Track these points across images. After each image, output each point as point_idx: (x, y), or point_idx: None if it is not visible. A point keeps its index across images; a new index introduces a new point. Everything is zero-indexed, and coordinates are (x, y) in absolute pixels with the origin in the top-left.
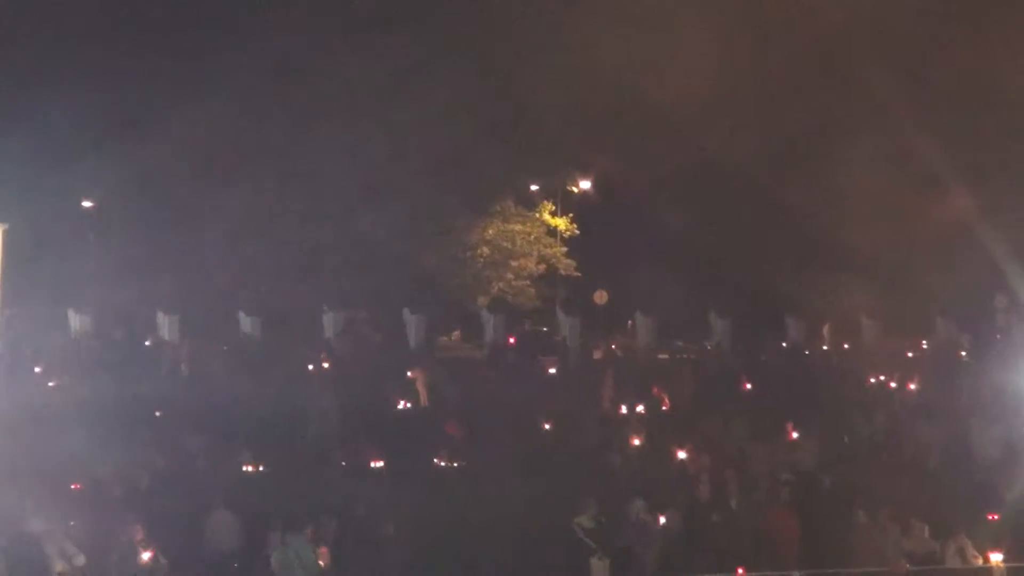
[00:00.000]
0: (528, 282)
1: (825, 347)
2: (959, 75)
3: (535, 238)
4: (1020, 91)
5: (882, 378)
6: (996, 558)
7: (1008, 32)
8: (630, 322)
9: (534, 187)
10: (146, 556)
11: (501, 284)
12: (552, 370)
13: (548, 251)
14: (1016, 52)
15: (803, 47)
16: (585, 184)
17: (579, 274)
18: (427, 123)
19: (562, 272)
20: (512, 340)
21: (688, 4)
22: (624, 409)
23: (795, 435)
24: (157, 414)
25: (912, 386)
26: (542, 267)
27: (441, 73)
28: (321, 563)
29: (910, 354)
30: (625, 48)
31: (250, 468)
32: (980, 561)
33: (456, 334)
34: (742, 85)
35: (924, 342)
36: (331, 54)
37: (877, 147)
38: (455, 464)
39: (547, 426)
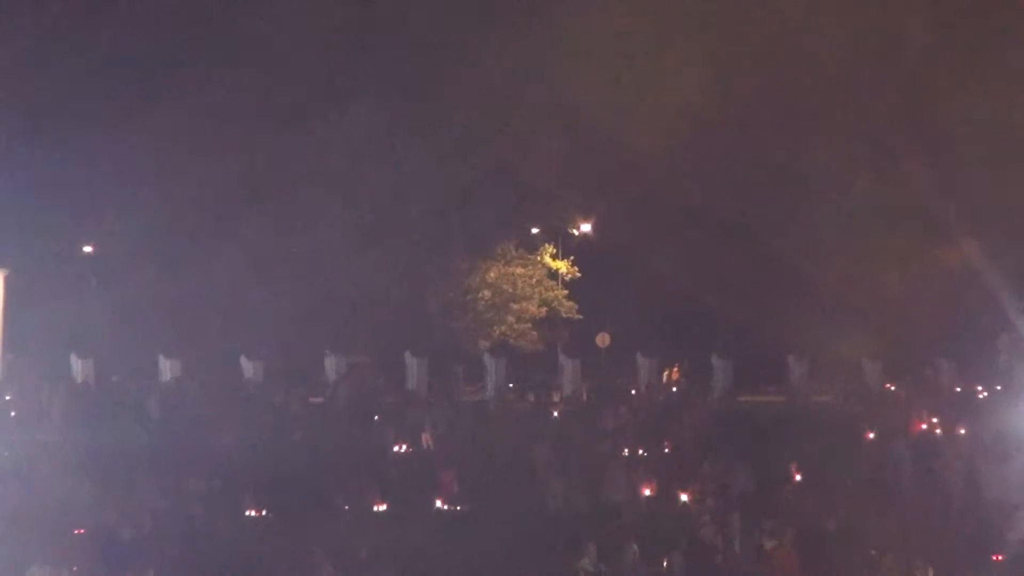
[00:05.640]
0: (530, 325)
1: (828, 389)
2: (960, 116)
3: (536, 281)
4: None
5: (887, 420)
6: None
7: (1010, 73)
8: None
9: (535, 230)
10: None
11: (503, 327)
12: (555, 413)
13: (549, 294)
14: (1018, 93)
15: (799, 91)
16: (586, 227)
17: (581, 316)
18: (428, 167)
19: (564, 315)
20: None
21: (679, 54)
22: (627, 452)
23: (799, 477)
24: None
25: (916, 428)
26: (543, 310)
27: (441, 117)
28: None
29: (915, 396)
30: (623, 90)
31: (253, 513)
32: None
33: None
34: (741, 129)
35: (928, 384)
36: (332, 98)
37: (877, 191)
38: (457, 507)
39: (549, 468)
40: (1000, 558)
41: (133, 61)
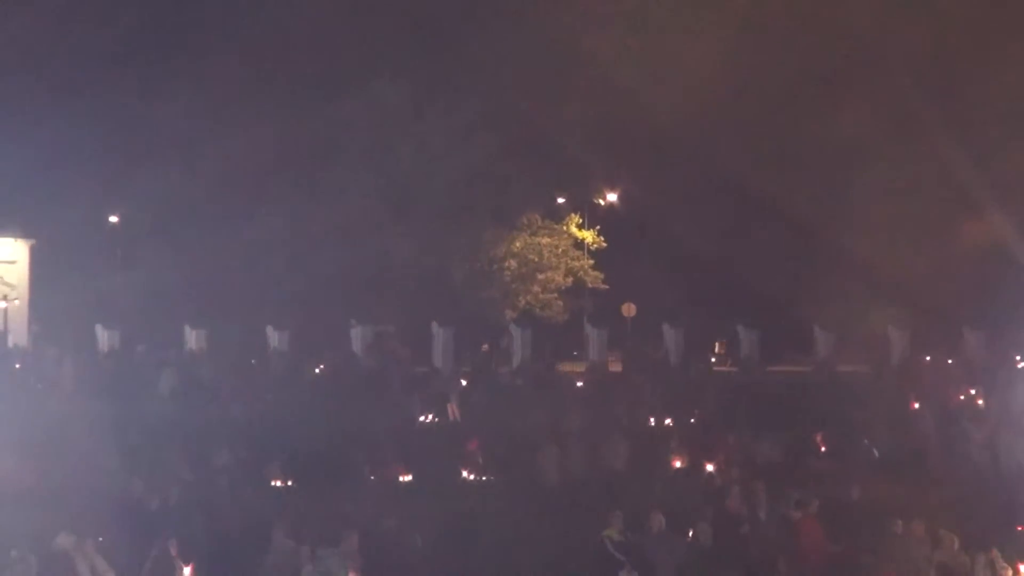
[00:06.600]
0: (556, 295)
1: (857, 359)
2: (990, 88)
3: (562, 251)
4: None
5: (921, 391)
6: None
7: None
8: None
9: (560, 200)
10: (187, 571)
11: (529, 297)
12: (580, 383)
13: (575, 264)
14: None
15: (829, 61)
16: (612, 196)
17: (607, 286)
18: (453, 137)
19: (589, 285)
20: None
21: (707, 23)
22: (652, 422)
23: (824, 448)
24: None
25: (955, 399)
26: (569, 280)
27: (467, 88)
28: None
29: (952, 366)
30: (651, 59)
31: (278, 483)
32: (1010, 573)
33: (485, 348)
34: (769, 99)
35: (954, 355)
36: (358, 71)
37: (904, 163)
38: (483, 478)
39: (573, 439)
40: None
41: (163, 31)
